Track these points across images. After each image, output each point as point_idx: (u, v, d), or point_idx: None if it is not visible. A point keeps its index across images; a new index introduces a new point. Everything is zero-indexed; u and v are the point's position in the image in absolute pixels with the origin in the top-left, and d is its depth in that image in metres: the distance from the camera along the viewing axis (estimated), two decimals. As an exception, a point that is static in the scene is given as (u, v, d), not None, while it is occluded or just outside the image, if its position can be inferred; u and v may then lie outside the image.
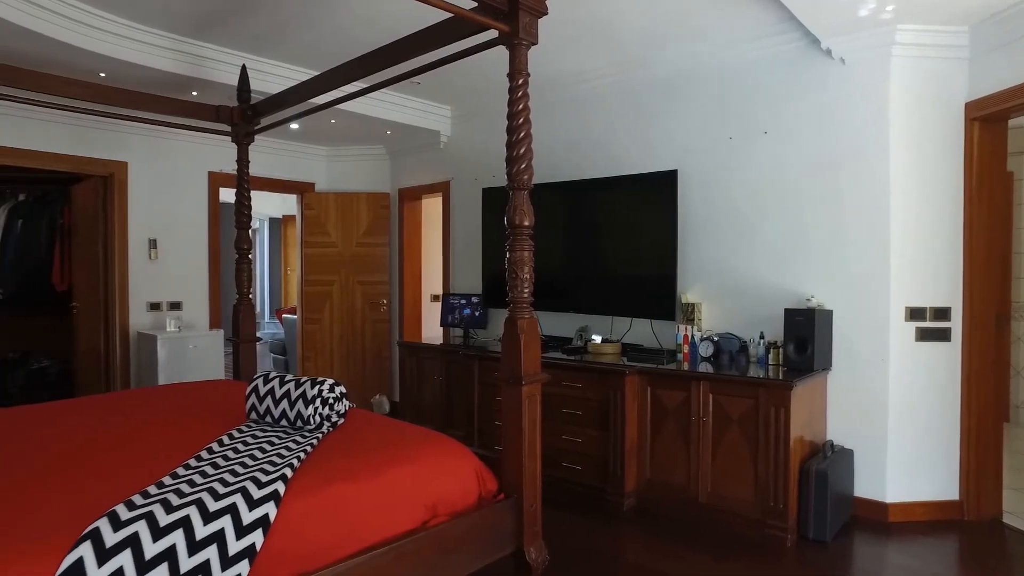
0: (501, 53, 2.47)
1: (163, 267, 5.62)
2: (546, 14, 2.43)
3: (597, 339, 4.42)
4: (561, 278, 4.74)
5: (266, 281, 13.05)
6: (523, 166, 2.38)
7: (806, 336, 3.48)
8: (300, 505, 1.88)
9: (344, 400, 2.60)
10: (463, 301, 5.45)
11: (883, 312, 3.52)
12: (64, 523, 1.67)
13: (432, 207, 6.51)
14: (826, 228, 3.69)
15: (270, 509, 1.79)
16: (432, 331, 6.43)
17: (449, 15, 2.49)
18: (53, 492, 1.93)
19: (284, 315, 8.52)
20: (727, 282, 4.08)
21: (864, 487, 3.59)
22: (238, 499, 1.78)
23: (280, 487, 1.87)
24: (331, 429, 2.51)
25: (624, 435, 3.73)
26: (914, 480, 3.54)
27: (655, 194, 4.22)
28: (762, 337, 3.79)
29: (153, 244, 5.55)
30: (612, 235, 4.49)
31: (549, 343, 4.70)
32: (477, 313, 5.38)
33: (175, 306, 5.68)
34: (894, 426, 3.51)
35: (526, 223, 2.37)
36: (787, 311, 3.58)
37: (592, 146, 4.77)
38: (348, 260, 6.46)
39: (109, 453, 2.29)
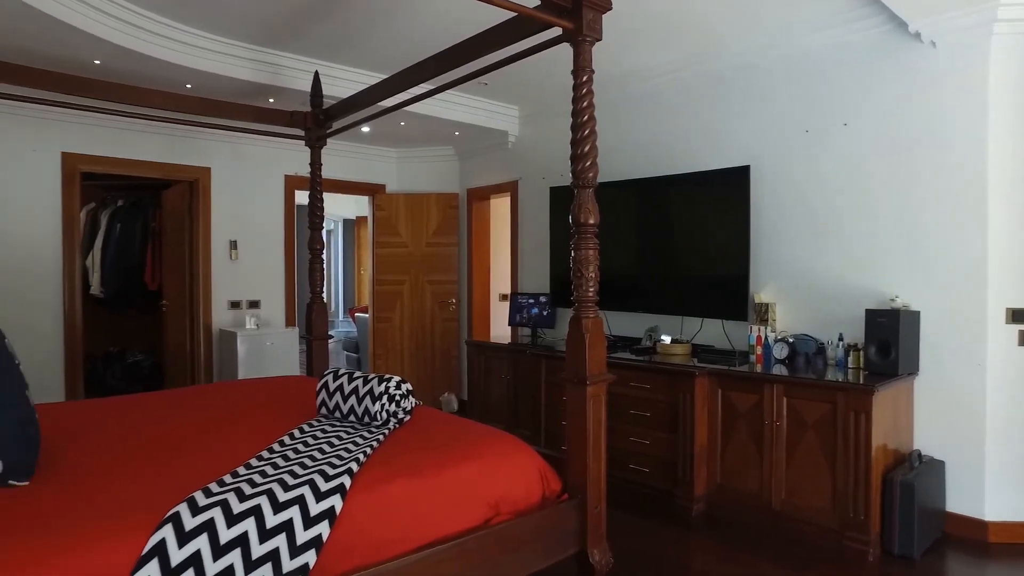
0: (569, 51, 2.45)
1: (242, 267, 5.87)
2: (610, 9, 2.39)
3: (666, 339, 4.33)
4: (629, 277, 4.67)
5: (340, 280, 13.45)
6: (588, 164, 2.35)
7: (889, 338, 3.29)
8: (365, 499, 1.92)
9: (410, 397, 2.64)
10: (531, 300, 5.45)
11: (979, 313, 3.28)
12: (148, 506, 1.76)
13: (500, 207, 6.54)
14: (911, 224, 3.48)
15: (336, 502, 1.83)
16: (500, 330, 6.46)
17: (513, 14, 2.49)
18: (139, 476, 2.04)
19: (357, 313, 8.75)
20: (803, 281, 3.91)
21: (958, 502, 3.35)
22: (306, 491, 1.83)
23: (346, 481, 1.91)
24: (397, 425, 2.55)
25: (693, 438, 3.63)
26: (1020, 498, 3.27)
27: (726, 191, 4.10)
28: (841, 339, 3.62)
29: (234, 245, 5.80)
30: (682, 233, 4.38)
31: (617, 343, 4.63)
32: (545, 312, 5.37)
33: (254, 304, 5.92)
34: (994, 437, 3.26)
35: (591, 221, 2.34)
36: (868, 312, 3.40)
37: (659, 144, 4.67)
38: (418, 260, 6.58)
39: (190, 442, 2.40)
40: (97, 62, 4.09)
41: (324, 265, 4.25)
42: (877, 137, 3.60)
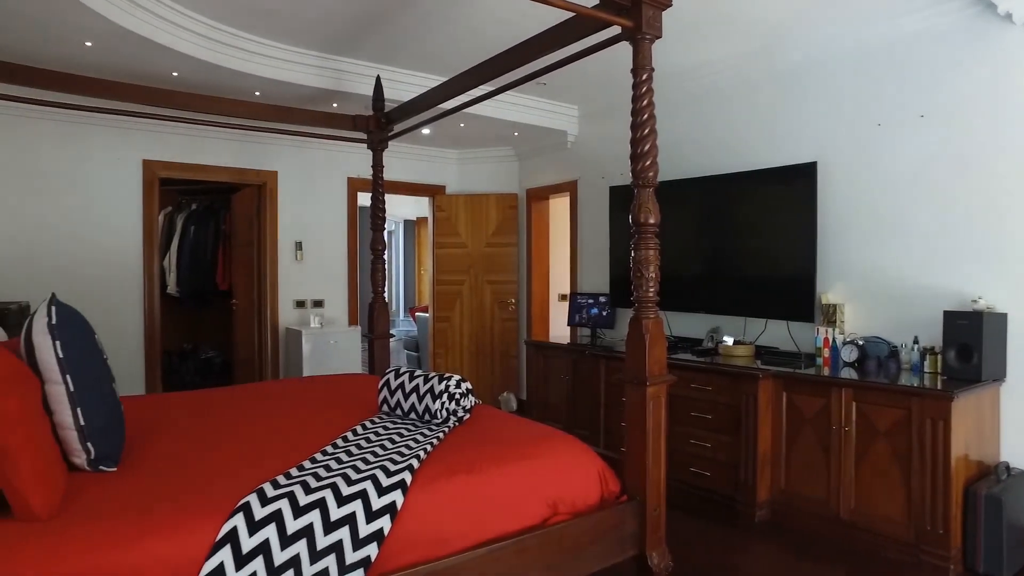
0: (627, 48, 2.43)
1: (307, 267, 6.05)
2: (669, 6, 2.36)
3: (728, 341, 4.24)
4: (690, 278, 4.59)
5: (401, 280, 13.70)
6: (648, 163, 2.32)
7: (971, 342, 3.12)
8: (425, 495, 1.95)
9: (470, 396, 2.67)
10: (590, 300, 5.42)
11: (1068, 316, 3.09)
12: (221, 495, 1.85)
13: (559, 207, 6.53)
14: (996, 221, 3.28)
15: (397, 497, 1.87)
16: (559, 330, 6.46)
17: (571, 14, 2.48)
18: (212, 466, 2.14)
19: (417, 313, 8.90)
20: (873, 282, 3.75)
21: (1045, 515, 3.16)
22: (368, 486, 1.87)
23: (407, 477, 1.95)
24: (457, 423, 2.58)
25: (756, 442, 3.54)
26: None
27: (791, 188, 3.98)
28: (916, 342, 3.46)
29: (299, 246, 5.99)
30: (745, 232, 4.28)
31: (678, 344, 4.56)
32: (604, 313, 5.33)
33: (318, 304, 6.10)
34: (1084, 447, 3.07)
35: (651, 221, 2.32)
36: (947, 314, 3.23)
37: (719, 141, 4.57)
38: (477, 260, 6.63)
39: (258, 435, 2.50)
40: (175, 74, 4.30)
41: (385, 265, 4.34)
42: (957, 128, 3.42)
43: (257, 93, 4.64)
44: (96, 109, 3.63)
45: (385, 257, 4.33)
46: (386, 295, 4.44)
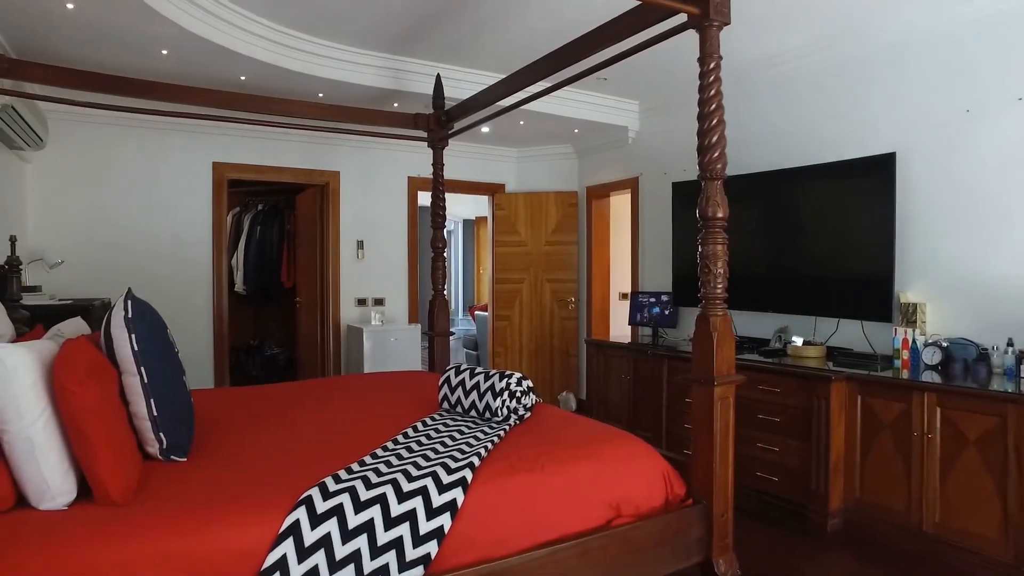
0: (691, 40, 2.35)
1: (368, 266, 6.14)
2: (741, -11, 2.26)
3: (798, 341, 4.07)
4: (758, 275, 4.43)
5: (460, 279, 13.80)
6: (716, 155, 2.24)
7: (1068, 344, 2.89)
8: (486, 493, 1.93)
9: (531, 394, 2.63)
10: (652, 299, 5.31)
11: None
12: (285, 488, 1.87)
13: (620, 204, 6.43)
14: (1097, 214, 3.04)
15: (458, 495, 1.85)
16: (620, 330, 6.36)
17: (635, 4, 2.42)
18: (276, 459, 2.17)
19: (476, 312, 8.92)
20: (959, 279, 3.53)
21: None
22: (429, 483, 1.86)
23: (468, 474, 1.93)
24: (518, 422, 2.55)
25: (829, 447, 3.38)
26: None
27: (867, 181, 3.78)
28: (1010, 344, 3.22)
29: (360, 245, 6.08)
30: (815, 228, 4.10)
31: (744, 344, 4.42)
32: (667, 312, 5.21)
33: (379, 302, 6.18)
34: None
35: (719, 215, 2.23)
36: (1042, 313, 3.01)
37: (788, 134, 4.39)
38: (537, 258, 6.60)
39: (320, 429, 2.53)
40: (243, 78, 4.43)
41: (446, 263, 4.35)
42: (1052, 116, 3.18)
43: (320, 95, 4.73)
44: (172, 114, 3.76)
45: (445, 255, 4.34)
46: (445, 293, 4.46)
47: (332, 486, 1.85)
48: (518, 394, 2.56)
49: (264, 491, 1.88)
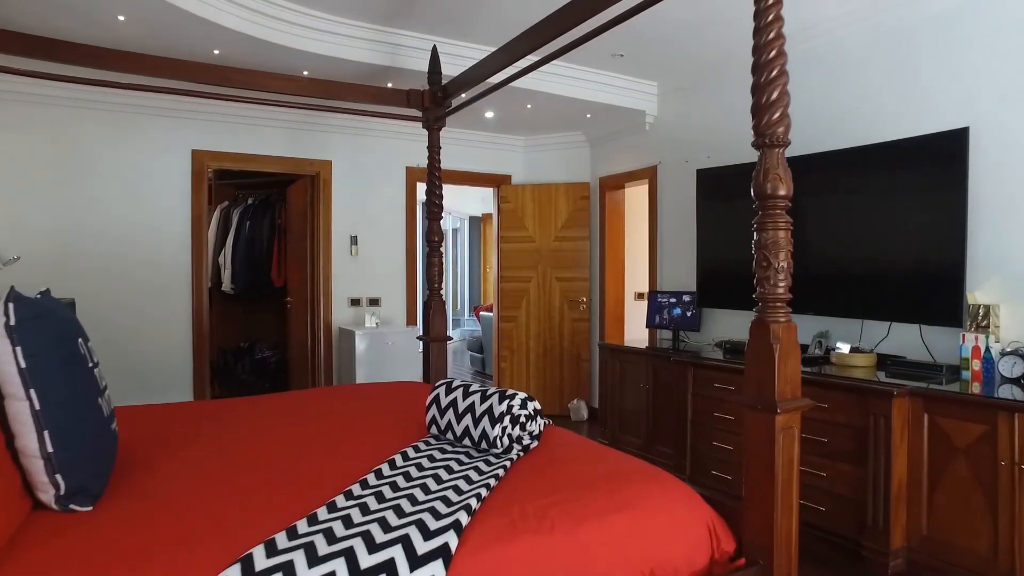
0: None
1: (363, 263, 5.66)
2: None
3: (843, 348, 3.55)
4: (794, 271, 3.91)
5: (467, 279, 13.32)
6: (776, 115, 1.74)
7: None
8: (479, 562, 1.43)
9: (538, 419, 2.14)
10: (672, 300, 4.81)
11: None
12: (221, 542, 1.44)
13: (636, 196, 5.92)
14: None
15: (438, 570, 1.35)
16: (636, 333, 5.85)
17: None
18: (221, 501, 1.71)
19: (482, 312, 8.44)
20: (1042, 277, 3.01)
21: None
22: (397, 553, 1.36)
23: (452, 540, 1.43)
24: (522, 454, 2.05)
25: (890, 474, 2.87)
26: None
27: (931, 162, 3.26)
28: (1107, 354, 2.71)
29: (354, 241, 5.60)
30: (865, 218, 3.58)
31: None
32: (689, 313, 4.70)
33: (374, 302, 5.70)
34: None
35: (781, 192, 1.73)
36: None
37: (832, 111, 3.87)
38: (546, 255, 6.10)
39: (284, 459, 2.05)
40: (216, 52, 3.95)
41: (443, 260, 3.86)
42: None
43: (305, 72, 4.25)
44: (133, 87, 3.29)
45: (443, 250, 3.86)
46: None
47: (283, 543, 1.38)
48: (522, 419, 2.06)
49: (192, 546, 1.44)
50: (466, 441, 2.12)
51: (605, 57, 4.53)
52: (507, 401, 2.06)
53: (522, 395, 2.11)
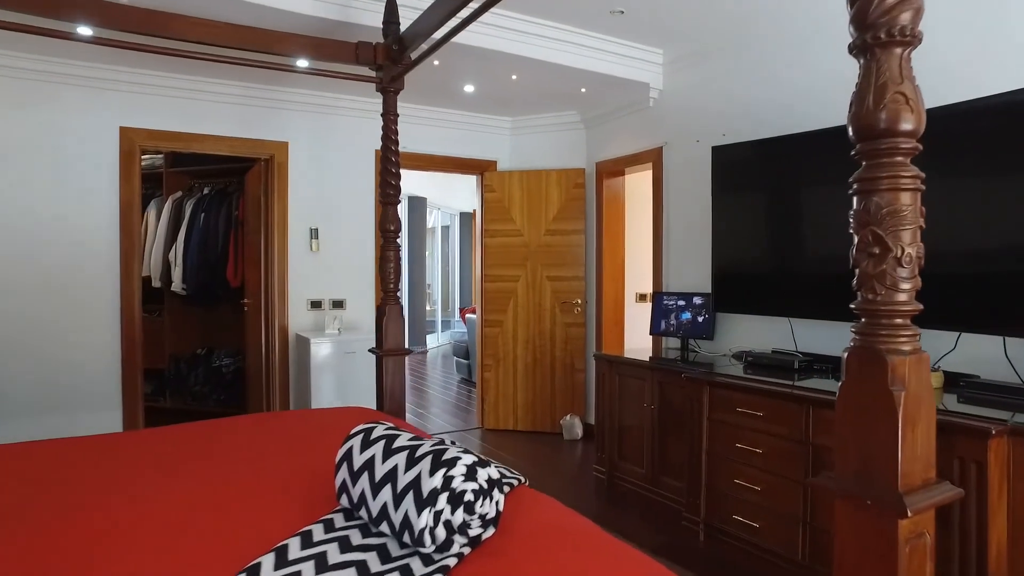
0: None
1: (325, 260, 4.93)
2: None
3: (902, 365, 2.82)
4: (825, 269, 3.19)
5: (457, 279, 12.62)
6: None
7: None
8: None
9: (495, 493, 1.39)
10: (681, 303, 4.08)
11: None
12: None
13: (638, 183, 5.20)
14: None
15: None
16: (638, 340, 5.13)
17: None
18: None
19: (468, 315, 7.70)
20: None
21: None
22: None
23: None
24: (467, 551, 1.31)
25: (985, 542, 2.14)
26: None
27: (1011, 125, 2.53)
28: None
29: (314, 234, 4.87)
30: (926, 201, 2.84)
31: (812, 365, 3.20)
32: (700, 318, 3.98)
33: (338, 304, 4.97)
34: None
35: (906, 126, 1.00)
36: None
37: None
38: (535, 251, 5.37)
39: (141, 538, 1.32)
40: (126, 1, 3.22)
41: (400, 254, 3.14)
42: None
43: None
44: (18, 28, 2.56)
45: (399, 241, 3.13)
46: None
47: None
48: (468, 497, 1.32)
49: None
50: (384, 527, 1.38)
51: (602, 15, 3.81)
52: (443, 470, 1.31)
53: (469, 458, 1.37)
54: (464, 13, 2.46)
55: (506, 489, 1.57)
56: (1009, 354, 2.64)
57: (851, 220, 1.05)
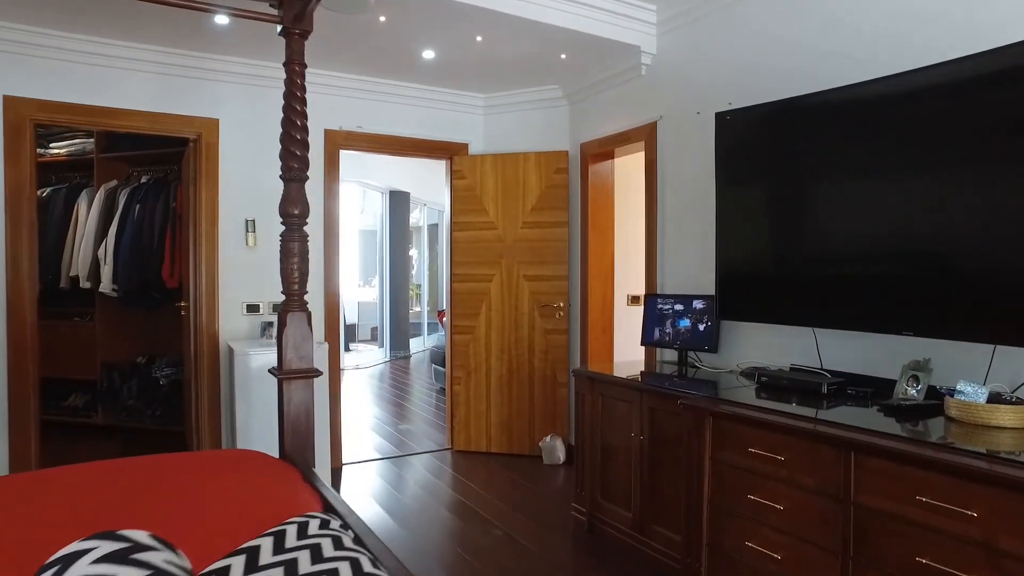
0: None
1: (263, 257, 4.23)
2: None
3: (968, 391, 2.10)
4: (867, 264, 2.48)
5: (444, 280, 11.91)
6: None
7: None
8: None
9: None
10: (679, 307, 3.37)
11: None
12: None
13: (629, 167, 4.50)
14: None
15: None
16: (630, 349, 4.42)
17: None
18: None
19: (445, 317, 6.98)
20: None
21: None
22: None
23: None
24: None
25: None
26: None
27: None
28: None
29: (250, 227, 4.18)
30: (996, 175, 2.11)
31: (845, 388, 2.50)
32: (702, 326, 3.27)
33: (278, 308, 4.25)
34: None
35: None
36: None
37: (933, 11, 2.42)
38: (511, 246, 4.66)
39: None
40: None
41: (304, 243, 2.43)
42: None
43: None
44: None
45: (306, 230, 2.43)
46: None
47: None
48: None
49: None
50: None
51: (582, -45, 3.10)
52: None
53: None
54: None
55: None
56: (1123, 381, 1.92)
57: None
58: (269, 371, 2.42)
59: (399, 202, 10.04)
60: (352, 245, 11.70)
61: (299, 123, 2.32)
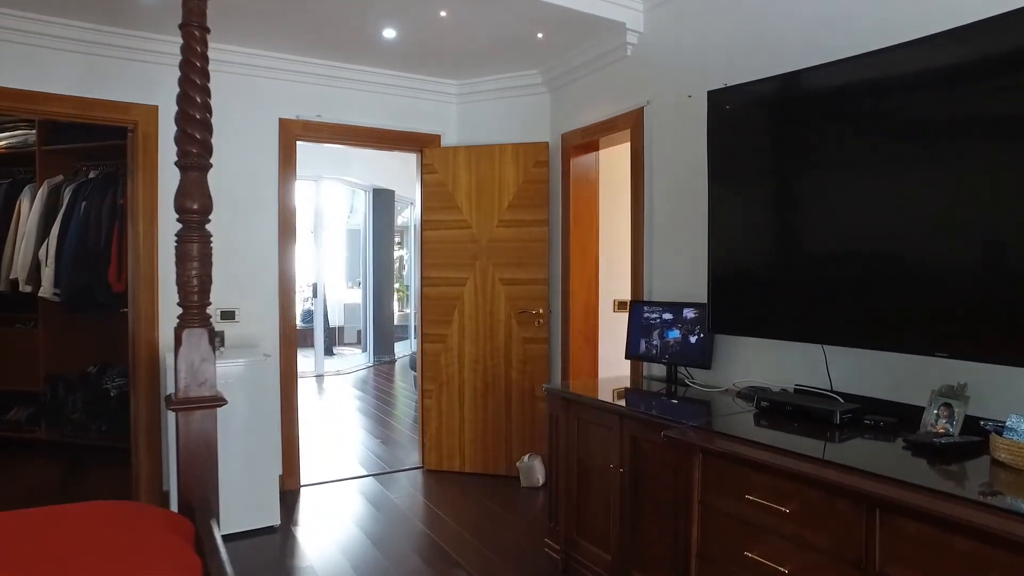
0: None
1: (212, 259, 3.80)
2: None
3: (1020, 425, 1.68)
4: (889, 266, 2.06)
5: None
6: None
7: None
8: None
9: None
10: (668, 315, 2.96)
11: None
12: None
13: (615, 159, 4.09)
14: None
15: None
16: (617, 364, 4.01)
17: None
18: None
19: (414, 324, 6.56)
20: None
21: None
22: None
23: None
24: None
25: None
26: None
27: None
28: None
29: (192, 224, 3.74)
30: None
31: (862, 417, 2.08)
32: (693, 338, 2.86)
33: (228, 316, 3.85)
34: None
35: None
36: None
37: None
38: (487, 247, 4.24)
39: None
40: None
41: (208, 244, 2.02)
42: None
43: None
44: None
45: (207, 227, 2.02)
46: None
47: None
48: None
49: None
50: None
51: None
52: None
53: None
54: None
55: None
56: None
57: None
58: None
59: (383, 200, 9.63)
60: (339, 245, 11.28)
61: (198, 100, 1.93)
